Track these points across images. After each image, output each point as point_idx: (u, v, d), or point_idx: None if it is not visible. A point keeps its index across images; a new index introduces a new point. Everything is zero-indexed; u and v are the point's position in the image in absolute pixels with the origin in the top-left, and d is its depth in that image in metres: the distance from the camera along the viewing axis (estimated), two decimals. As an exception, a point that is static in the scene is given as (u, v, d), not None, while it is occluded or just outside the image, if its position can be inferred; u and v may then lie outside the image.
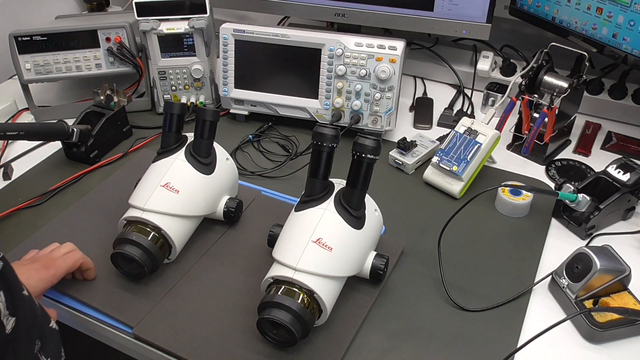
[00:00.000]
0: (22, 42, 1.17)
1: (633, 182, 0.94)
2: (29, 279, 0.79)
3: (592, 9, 1.09)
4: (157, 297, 0.84)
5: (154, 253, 0.83)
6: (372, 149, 0.77)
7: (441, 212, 0.99)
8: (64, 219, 0.99)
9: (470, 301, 0.85)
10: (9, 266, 0.61)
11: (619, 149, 1.16)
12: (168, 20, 1.18)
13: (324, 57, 1.13)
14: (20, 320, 0.61)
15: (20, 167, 1.13)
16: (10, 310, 0.60)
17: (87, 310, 0.84)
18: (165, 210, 0.86)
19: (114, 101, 1.15)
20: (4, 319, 0.58)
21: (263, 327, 0.76)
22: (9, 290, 0.60)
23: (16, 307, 0.61)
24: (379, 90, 1.12)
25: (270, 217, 0.95)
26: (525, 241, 0.95)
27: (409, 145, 1.10)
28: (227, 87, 1.21)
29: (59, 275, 0.82)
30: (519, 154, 1.15)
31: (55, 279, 0.82)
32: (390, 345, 0.79)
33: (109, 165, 1.13)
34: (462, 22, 1.22)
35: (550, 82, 1.06)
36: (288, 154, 1.16)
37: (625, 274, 0.81)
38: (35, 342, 0.67)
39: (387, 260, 0.84)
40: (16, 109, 1.28)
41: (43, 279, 0.81)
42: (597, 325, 0.78)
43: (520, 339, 0.80)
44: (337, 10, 1.28)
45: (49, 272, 0.81)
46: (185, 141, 0.92)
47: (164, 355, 0.79)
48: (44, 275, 0.81)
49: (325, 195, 0.81)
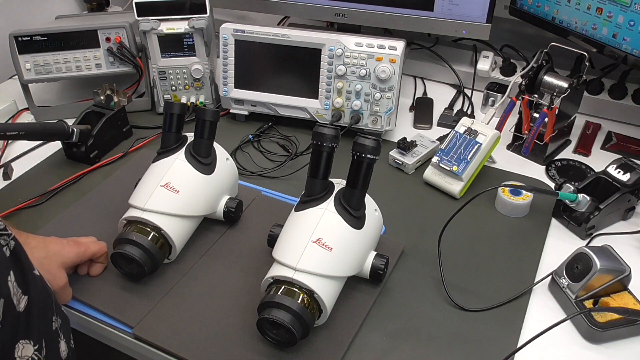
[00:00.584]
0: (22, 42, 1.17)
1: (633, 182, 0.94)
2: (62, 249, 0.82)
3: (592, 9, 1.09)
4: (157, 297, 0.85)
5: (154, 253, 0.83)
6: (372, 149, 0.77)
7: (441, 212, 0.99)
8: (64, 219, 0.99)
9: (470, 301, 0.85)
10: (20, 246, 0.64)
11: (619, 149, 1.16)
12: (168, 20, 1.18)
13: (324, 57, 1.13)
14: (32, 299, 0.63)
15: (20, 167, 1.13)
16: (22, 288, 0.61)
17: (87, 310, 0.84)
18: (165, 210, 0.86)
19: (114, 101, 1.15)
20: (15, 298, 0.59)
21: (263, 327, 0.76)
22: (20, 269, 0.62)
23: (28, 285, 0.63)
24: (379, 90, 1.12)
25: (270, 217, 0.95)
26: (525, 241, 0.95)
27: (409, 145, 1.10)
28: (227, 87, 1.21)
29: (88, 254, 0.85)
30: (519, 154, 1.15)
31: (85, 256, 0.85)
32: (390, 345, 0.79)
33: (109, 165, 1.13)
34: (462, 22, 1.22)
35: (550, 82, 1.06)
36: (288, 154, 1.16)
37: (625, 274, 0.81)
38: (53, 319, 0.68)
39: (387, 260, 0.84)
40: (16, 109, 1.28)
41: (75, 252, 0.84)
42: (597, 325, 0.78)
43: (520, 339, 0.80)
44: (337, 10, 1.28)
45: (80, 248, 0.85)
46: (185, 141, 0.92)
47: (164, 355, 0.79)
48: (76, 249, 0.84)
49: (325, 195, 0.81)
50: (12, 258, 0.61)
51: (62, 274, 0.81)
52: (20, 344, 0.61)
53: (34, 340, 0.63)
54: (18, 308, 0.61)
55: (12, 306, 0.60)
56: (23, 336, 0.62)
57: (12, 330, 0.60)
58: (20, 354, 0.61)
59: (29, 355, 0.62)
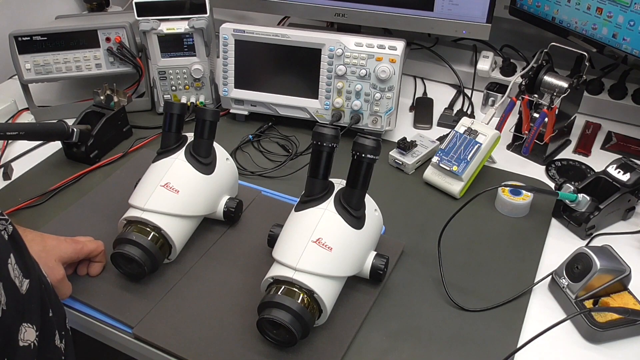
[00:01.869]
0: (22, 42, 1.17)
1: (633, 182, 0.94)
2: (59, 245, 0.83)
3: (592, 9, 1.09)
4: (157, 297, 0.85)
5: (154, 253, 0.83)
6: (372, 149, 0.77)
7: (441, 212, 0.99)
8: (64, 219, 0.99)
9: (470, 301, 0.85)
10: (17, 232, 0.64)
11: (619, 149, 1.16)
12: (168, 20, 1.18)
13: (324, 57, 1.13)
14: (33, 283, 0.63)
15: (20, 167, 1.13)
16: (23, 271, 0.61)
17: (87, 310, 0.84)
18: (165, 210, 0.86)
19: (114, 101, 1.15)
20: (17, 280, 0.60)
21: (263, 327, 0.76)
22: (20, 253, 0.62)
23: (28, 269, 0.63)
24: (379, 90, 1.12)
25: (270, 217, 0.95)
26: (525, 241, 0.95)
27: (409, 145, 1.10)
28: (227, 87, 1.21)
29: (85, 251, 0.85)
30: (519, 154, 1.15)
31: (82, 252, 0.85)
32: (390, 345, 0.79)
33: (109, 165, 1.13)
34: (462, 22, 1.22)
35: (550, 82, 1.06)
36: (288, 154, 1.16)
37: (625, 274, 0.81)
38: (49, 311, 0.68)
39: (387, 260, 0.84)
40: (16, 109, 1.28)
41: (72, 248, 0.84)
42: (597, 325, 0.78)
43: (520, 339, 0.80)
44: (337, 10, 1.28)
45: (77, 245, 0.85)
46: (185, 141, 0.92)
47: (164, 355, 0.79)
48: (73, 245, 0.84)
49: (325, 195, 0.81)
50: (11, 242, 0.62)
51: (60, 267, 0.81)
52: (23, 327, 0.61)
53: (35, 326, 0.63)
54: (21, 290, 0.61)
55: (15, 288, 0.60)
56: (27, 319, 0.62)
57: (16, 312, 0.60)
58: (23, 337, 0.61)
59: (32, 340, 0.62)
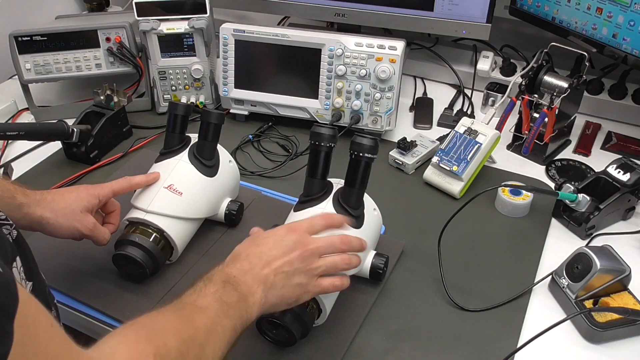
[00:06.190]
0: (22, 42, 1.17)
1: (633, 182, 0.94)
2: (78, 194, 0.82)
3: (592, 9, 1.09)
4: (157, 297, 0.84)
5: (156, 255, 0.83)
6: (370, 148, 0.77)
7: (441, 212, 0.99)
8: (64, 219, 0.98)
9: (470, 301, 0.85)
10: (22, 236, 0.64)
11: (619, 149, 1.16)
12: (168, 20, 1.18)
13: (324, 57, 1.13)
14: (35, 285, 0.63)
15: (20, 167, 1.13)
16: (27, 275, 0.61)
17: (87, 310, 0.84)
18: (168, 212, 0.86)
19: (114, 101, 1.15)
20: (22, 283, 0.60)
21: (263, 327, 0.76)
22: (24, 256, 0.62)
23: (31, 271, 0.63)
24: (379, 90, 1.12)
25: (270, 217, 0.94)
26: (525, 241, 0.95)
27: (409, 145, 1.10)
28: (227, 87, 1.21)
29: (104, 194, 0.84)
30: (519, 154, 1.15)
31: (101, 194, 0.83)
32: (390, 345, 0.79)
33: (109, 165, 1.13)
34: (462, 22, 1.22)
35: (550, 82, 1.06)
36: (288, 154, 1.16)
37: (625, 274, 0.81)
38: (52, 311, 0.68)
39: (387, 259, 0.84)
40: (16, 109, 1.28)
41: (88, 192, 0.82)
42: (597, 325, 0.78)
43: (520, 339, 0.80)
44: (337, 10, 1.28)
45: (95, 189, 0.83)
46: (188, 142, 0.92)
47: (164, 355, 0.78)
48: (88, 189, 0.83)
49: (324, 195, 0.81)
50: (16, 245, 0.62)
51: (88, 216, 0.80)
52: None
53: None
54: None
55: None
56: None
57: None
58: None
59: None
